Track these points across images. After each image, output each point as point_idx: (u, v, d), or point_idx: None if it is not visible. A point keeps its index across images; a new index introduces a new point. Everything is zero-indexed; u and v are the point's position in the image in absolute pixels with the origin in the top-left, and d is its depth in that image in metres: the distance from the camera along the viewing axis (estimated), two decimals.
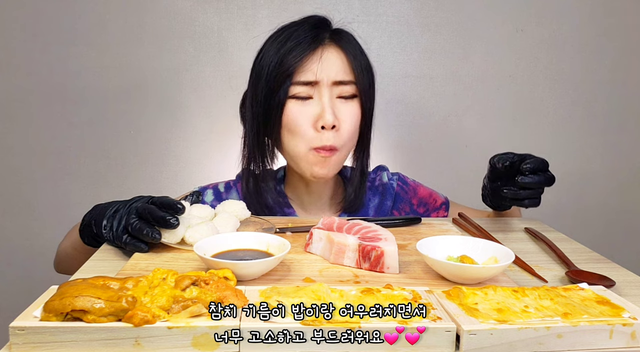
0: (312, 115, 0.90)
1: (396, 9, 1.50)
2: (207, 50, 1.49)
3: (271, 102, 0.90)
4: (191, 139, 1.54)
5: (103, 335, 0.46)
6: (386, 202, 1.05)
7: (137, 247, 0.72)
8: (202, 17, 1.47)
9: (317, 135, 0.90)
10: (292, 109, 0.90)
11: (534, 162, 0.85)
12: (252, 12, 1.48)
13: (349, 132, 0.92)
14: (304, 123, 0.90)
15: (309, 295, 0.52)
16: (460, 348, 0.48)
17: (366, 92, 0.93)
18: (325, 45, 0.91)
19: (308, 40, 0.89)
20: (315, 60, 0.89)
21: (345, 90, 0.91)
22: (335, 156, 0.92)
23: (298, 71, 0.89)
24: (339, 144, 0.91)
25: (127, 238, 0.72)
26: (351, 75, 0.91)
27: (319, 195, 1.03)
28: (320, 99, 0.89)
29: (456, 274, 0.63)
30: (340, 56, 0.91)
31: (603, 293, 0.57)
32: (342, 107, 0.91)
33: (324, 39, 0.91)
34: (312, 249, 0.75)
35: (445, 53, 1.53)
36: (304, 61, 0.89)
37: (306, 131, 0.90)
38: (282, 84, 0.89)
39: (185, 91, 1.51)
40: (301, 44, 0.89)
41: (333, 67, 0.90)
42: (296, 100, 0.90)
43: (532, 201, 0.87)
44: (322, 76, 0.89)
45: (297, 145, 0.92)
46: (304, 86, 0.89)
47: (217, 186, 1.07)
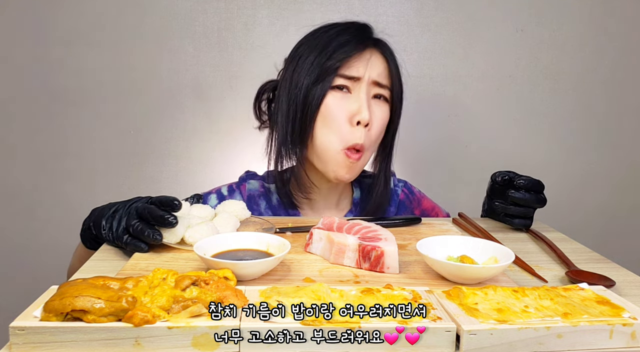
0: (349, 110, 0.92)
1: (396, 9, 1.50)
2: (207, 50, 1.49)
3: (312, 90, 0.92)
4: (191, 139, 1.54)
5: (103, 335, 0.46)
6: (390, 208, 1.06)
7: (137, 247, 0.72)
8: (202, 17, 1.47)
9: (350, 130, 0.92)
10: (332, 101, 0.93)
11: (529, 181, 0.89)
12: (252, 12, 1.48)
13: (377, 132, 0.95)
14: (340, 116, 0.92)
15: (309, 295, 0.52)
16: (460, 348, 0.48)
17: (397, 99, 0.98)
18: (373, 48, 0.96)
19: (359, 40, 0.94)
20: (363, 59, 0.93)
21: (381, 92, 0.95)
22: (361, 160, 0.95)
23: (345, 65, 0.92)
24: (368, 143, 0.94)
25: (128, 238, 0.73)
26: (388, 81, 0.96)
27: (330, 195, 1.05)
28: (359, 96, 0.92)
29: (456, 274, 0.63)
30: (383, 61, 0.96)
31: (603, 293, 0.57)
32: (375, 107, 0.95)
33: (369, 42, 0.96)
34: (312, 249, 0.75)
35: (445, 53, 1.53)
36: (353, 57, 0.92)
37: (341, 125, 0.92)
38: (328, 74, 0.92)
39: (185, 91, 1.51)
40: (352, 41, 0.93)
41: (376, 69, 0.94)
42: (336, 92, 0.93)
43: (522, 221, 0.91)
44: (365, 74, 0.93)
45: (330, 141, 0.93)
46: (347, 80, 0.93)
47: (220, 189, 1.07)
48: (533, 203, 0.89)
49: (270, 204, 1.03)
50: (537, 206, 0.90)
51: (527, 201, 0.89)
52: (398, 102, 0.99)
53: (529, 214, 0.91)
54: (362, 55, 0.93)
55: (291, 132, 0.95)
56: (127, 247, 0.73)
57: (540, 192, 0.90)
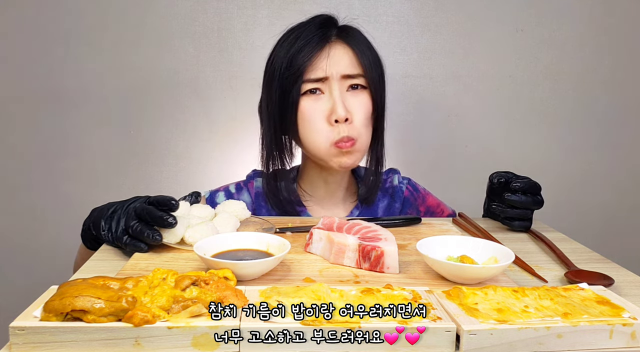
0: (325, 110, 0.93)
1: (396, 9, 1.50)
2: (207, 50, 1.49)
3: (285, 101, 0.94)
4: (191, 139, 1.54)
5: (103, 335, 0.46)
6: (395, 205, 1.07)
7: (137, 247, 0.72)
8: (202, 17, 1.47)
9: (332, 129, 0.93)
10: (306, 106, 0.93)
11: (526, 183, 0.89)
12: (252, 12, 1.48)
13: (362, 122, 0.94)
14: (318, 118, 0.93)
15: (309, 295, 0.52)
16: (460, 348, 0.48)
17: (375, 84, 0.96)
18: (332, 43, 0.94)
19: (316, 39, 0.93)
20: (323, 57, 0.92)
21: (355, 83, 0.94)
22: (357, 144, 0.94)
23: (308, 69, 0.92)
24: (355, 134, 0.93)
25: (127, 239, 0.73)
26: (359, 69, 0.94)
27: (336, 189, 1.05)
28: (331, 94, 0.92)
29: (456, 274, 0.63)
30: (348, 51, 0.94)
31: (603, 293, 0.57)
32: (352, 99, 0.94)
33: (330, 36, 0.94)
34: (312, 249, 0.75)
35: (445, 53, 1.53)
36: (313, 59, 0.92)
37: (321, 126, 0.93)
38: (294, 83, 0.92)
39: (185, 91, 1.51)
40: (309, 43, 0.92)
41: (341, 62, 0.93)
42: (309, 97, 0.93)
43: (522, 224, 0.91)
44: (331, 71, 0.92)
45: (316, 141, 0.94)
46: (315, 83, 0.93)
47: (228, 187, 1.08)
48: (530, 205, 0.89)
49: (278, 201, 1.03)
50: (534, 208, 0.90)
51: (523, 203, 0.89)
52: (378, 84, 0.97)
53: (527, 215, 0.91)
54: (322, 54, 0.92)
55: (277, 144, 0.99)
56: (127, 247, 0.73)
57: (537, 194, 0.90)
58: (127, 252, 0.74)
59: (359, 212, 1.05)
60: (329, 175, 1.03)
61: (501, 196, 0.92)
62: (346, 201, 1.07)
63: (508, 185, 0.91)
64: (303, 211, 1.04)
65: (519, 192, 0.89)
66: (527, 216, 0.91)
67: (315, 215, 1.04)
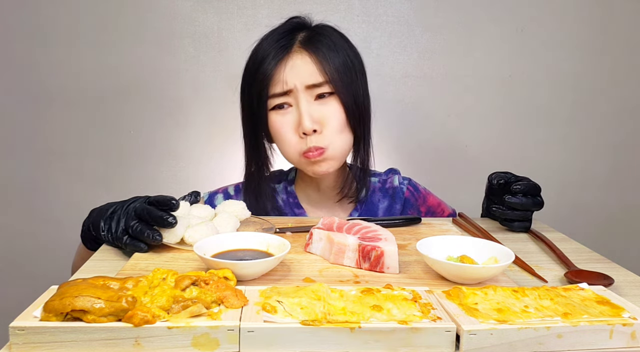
0: (293, 122, 0.92)
1: (396, 9, 1.50)
2: (207, 50, 1.49)
3: (255, 117, 0.94)
4: (191, 139, 1.54)
5: (103, 335, 0.46)
6: (395, 206, 1.06)
7: (136, 247, 0.72)
8: (202, 17, 1.47)
9: (300, 141, 0.92)
10: (275, 121, 0.93)
11: (526, 185, 0.88)
12: (252, 12, 1.48)
13: (334, 129, 0.92)
14: (287, 131, 0.92)
15: (309, 295, 0.52)
16: (460, 348, 0.48)
17: (344, 88, 0.92)
18: (293, 52, 0.91)
19: (274, 50, 0.90)
20: (285, 69, 0.90)
21: (322, 91, 0.91)
22: (328, 153, 0.92)
23: (271, 83, 0.90)
24: (324, 143, 0.91)
25: (127, 239, 0.73)
26: (323, 76, 0.90)
27: (329, 192, 1.05)
28: (298, 106, 0.91)
29: (456, 274, 0.63)
30: (309, 60, 0.90)
31: (603, 293, 0.57)
32: (321, 108, 0.91)
33: (291, 46, 0.91)
34: (312, 249, 0.75)
35: (445, 53, 1.53)
36: (274, 72, 0.90)
37: (290, 139, 0.92)
38: (259, 98, 0.91)
39: (185, 91, 1.51)
40: (268, 55, 0.90)
41: (303, 72, 0.90)
42: (277, 112, 0.92)
43: (521, 225, 0.91)
44: (293, 83, 0.90)
45: (287, 152, 0.94)
46: (281, 97, 0.91)
47: (227, 189, 1.08)
48: (530, 207, 0.89)
49: (276, 203, 1.03)
50: (535, 209, 0.90)
51: (524, 205, 0.88)
52: (348, 89, 0.92)
53: (527, 217, 0.90)
54: (284, 66, 0.90)
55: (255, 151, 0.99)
56: (127, 247, 0.73)
57: (537, 196, 0.89)
58: (127, 252, 0.74)
59: (358, 214, 1.05)
60: (320, 180, 1.03)
61: (501, 197, 0.91)
62: (343, 202, 1.07)
63: (508, 186, 0.90)
64: (301, 214, 1.04)
65: (519, 194, 0.88)
66: (527, 217, 0.91)
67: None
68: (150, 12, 1.46)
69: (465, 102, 1.56)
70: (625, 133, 1.61)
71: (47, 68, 1.48)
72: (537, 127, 1.59)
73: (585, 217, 1.63)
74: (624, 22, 1.54)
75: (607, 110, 1.59)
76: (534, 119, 1.58)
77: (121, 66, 1.48)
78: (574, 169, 1.61)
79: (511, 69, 1.55)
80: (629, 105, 1.60)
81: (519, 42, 1.53)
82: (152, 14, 1.47)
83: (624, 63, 1.57)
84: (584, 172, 1.62)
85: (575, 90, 1.57)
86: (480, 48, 1.53)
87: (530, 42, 1.53)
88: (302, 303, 0.50)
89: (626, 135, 1.62)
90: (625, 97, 1.59)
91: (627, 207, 1.66)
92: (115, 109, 1.51)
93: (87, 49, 1.47)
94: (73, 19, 1.46)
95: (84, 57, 1.47)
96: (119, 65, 1.48)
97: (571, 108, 1.58)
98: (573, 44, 1.54)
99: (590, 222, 1.63)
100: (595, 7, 1.53)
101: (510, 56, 1.54)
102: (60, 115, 1.50)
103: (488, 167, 1.07)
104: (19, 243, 1.56)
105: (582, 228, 1.59)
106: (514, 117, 1.58)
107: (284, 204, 1.03)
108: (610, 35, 1.55)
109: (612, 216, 1.65)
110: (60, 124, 1.51)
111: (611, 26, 1.54)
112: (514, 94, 1.56)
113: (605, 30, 1.54)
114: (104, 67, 1.48)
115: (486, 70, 1.54)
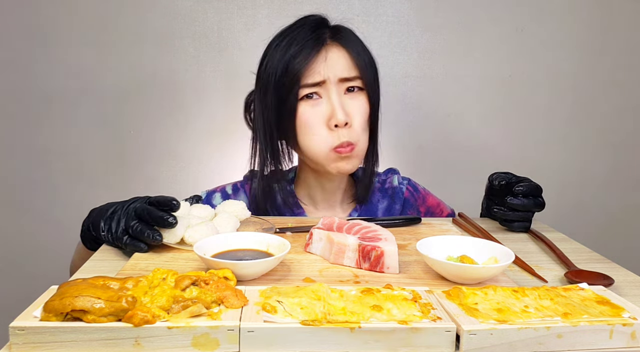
0: (324, 114, 0.92)
1: (396, 9, 1.50)
2: (207, 50, 1.49)
3: (283, 108, 0.92)
4: (191, 139, 1.54)
5: (103, 335, 0.46)
6: (395, 206, 1.06)
7: (137, 247, 0.72)
8: (202, 17, 1.47)
9: (331, 133, 0.91)
10: (304, 111, 0.92)
11: (527, 186, 0.88)
12: (252, 12, 1.48)
13: (361, 125, 0.93)
14: (317, 123, 0.92)
15: (309, 295, 0.52)
16: (460, 348, 0.48)
17: (372, 85, 0.95)
18: (328, 45, 0.92)
19: (311, 43, 0.91)
20: (320, 61, 0.90)
21: (352, 85, 0.93)
22: (356, 150, 0.93)
23: (305, 74, 0.90)
24: (354, 139, 0.92)
25: (127, 239, 0.72)
26: (356, 71, 0.93)
27: (333, 193, 1.05)
28: (330, 98, 0.91)
29: (456, 274, 0.63)
30: (344, 54, 0.92)
31: (603, 293, 0.57)
32: (350, 102, 0.93)
33: (325, 39, 0.92)
34: (312, 249, 0.75)
35: (445, 53, 1.53)
36: (310, 64, 0.90)
37: (320, 131, 0.92)
38: (291, 89, 0.90)
39: (185, 91, 1.51)
40: (305, 47, 0.90)
41: (338, 65, 0.91)
42: (307, 102, 0.92)
43: (521, 225, 0.91)
44: (328, 75, 0.91)
45: (316, 146, 0.93)
46: (313, 87, 0.91)
47: (224, 188, 1.08)
48: (531, 208, 0.89)
49: (275, 203, 1.03)
50: (536, 210, 0.90)
51: (525, 206, 0.88)
52: (374, 87, 0.96)
53: (528, 217, 0.90)
54: (318, 58, 0.90)
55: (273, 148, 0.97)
56: (127, 247, 0.73)
57: (538, 197, 0.89)
58: (127, 252, 0.74)
59: (357, 214, 1.05)
60: (326, 181, 1.02)
61: (502, 198, 0.91)
62: (343, 203, 1.07)
63: (509, 187, 0.90)
64: (300, 214, 1.03)
65: (520, 195, 0.88)
66: (528, 218, 0.91)
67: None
68: (150, 12, 1.46)
69: (465, 102, 1.56)
70: (625, 133, 1.61)
71: (47, 68, 1.48)
72: (537, 127, 1.59)
73: (585, 217, 1.63)
74: (623, 22, 1.54)
75: (607, 110, 1.59)
76: (534, 119, 1.58)
77: (121, 66, 1.48)
78: (574, 169, 1.61)
79: (511, 69, 1.55)
80: (629, 105, 1.60)
81: (518, 42, 1.53)
82: (152, 14, 1.47)
83: (624, 63, 1.57)
84: (584, 172, 1.62)
85: (575, 90, 1.57)
86: (480, 48, 1.53)
87: (530, 42, 1.53)
88: (302, 303, 0.50)
89: (626, 136, 1.62)
90: (625, 97, 1.59)
91: (627, 207, 1.66)
92: (115, 109, 1.51)
93: (87, 49, 1.47)
94: (73, 19, 1.46)
95: (84, 57, 1.47)
96: (119, 65, 1.48)
97: (571, 108, 1.58)
98: (573, 44, 1.54)
99: (590, 222, 1.63)
100: (594, 7, 1.53)
101: (510, 56, 1.54)
102: (60, 115, 1.50)
103: (488, 167, 1.07)
104: (19, 243, 1.56)
105: (582, 228, 1.59)
106: (514, 117, 1.58)
107: (283, 204, 1.03)
108: (610, 35, 1.55)
109: (612, 216, 1.65)
110: (60, 124, 1.51)
111: (611, 26, 1.54)
112: (514, 94, 1.56)
113: (605, 30, 1.54)
114: (104, 67, 1.48)
115: (486, 70, 1.54)
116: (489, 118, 1.58)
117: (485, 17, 1.51)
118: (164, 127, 1.53)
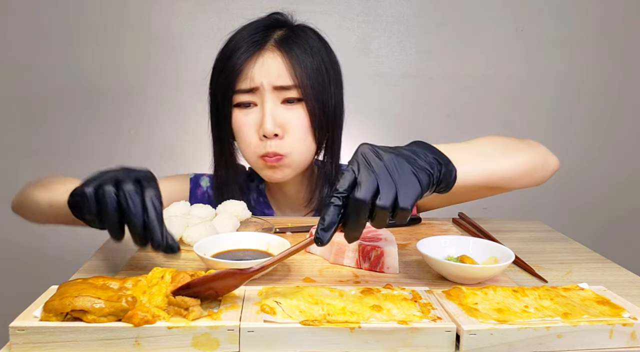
0: (255, 122, 0.87)
1: (396, 9, 1.50)
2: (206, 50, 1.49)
3: (219, 112, 0.90)
4: (191, 138, 1.54)
5: (103, 335, 0.46)
6: None
7: None
8: (202, 17, 1.47)
9: (260, 143, 0.88)
10: (237, 118, 0.89)
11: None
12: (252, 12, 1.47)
13: (297, 137, 0.88)
14: (248, 131, 0.88)
15: (306, 299, 0.52)
16: (460, 348, 0.48)
17: (314, 95, 0.87)
18: (266, 49, 0.86)
19: (246, 44, 0.86)
20: (256, 66, 0.85)
21: (289, 95, 0.87)
22: (286, 160, 0.88)
23: (239, 79, 0.86)
24: (285, 150, 0.87)
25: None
26: (293, 80, 0.86)
27: (294, 196, 1.01)
28: (262, 106, 0.87)
29: (456, 274, 0.63)
30: (282, 60, 0.86)
31: (603, 293, 0.57)
32: (286, 113, 0.87)
33: (265, 43, 0.87)
34: (312, 249, 0.75)
35: (445, 53, 1.53)
36: (243, 68, 0.85)
37: (250, 139, 0.88)
38: (225, 93, 0.88)
39: (185, 91, 1.51)
40: (239, 49, 0.86)
41: (273, 71, 0.85)
42: (240, 109, 0.88)
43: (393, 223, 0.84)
44: (260, 81, 0.85)
45: (246, 153, 0.91)
46: (246, 94, 0.87)
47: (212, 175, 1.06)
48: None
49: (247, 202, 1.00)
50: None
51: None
52: (318, 96, 0.87)
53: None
54: (253, 62, 0.85)
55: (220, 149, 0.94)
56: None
57: None
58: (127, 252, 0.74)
59: None
60: (283, 185, 0.98)
61: None
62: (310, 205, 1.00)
63: None
64: (270, 214, 1.01)
65: None
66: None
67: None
68: (150, 12, 1.46)
69: (465, 102, 1.56)
70: (625, 133, 1.61)
71: (48, 68, 1.48)
72: (537, 127, 1.59)
73: (585, 217, 1.63)
74: (624, 22, 1.54)
75: (607, 111, 1.59)
76: (533, 119, 1.58)
77: (121, 66, 1.48)
78: (574, 169, 1.61)
79: (511, 69, 1.55)
80: (629, 105, 1.60)
81: (519, 42, 1.53)
82: (152, 14, 1.47)
83: (624, 63, 1.57)
84: (584, 172, 1.62)
85: (575, 90, 1.57)
86: (480, 48, 1.53)
87: (530, 42, 1.53)
88: (300, 307, 0.50)
89: (626, 135, 1.62)
90: (625, 97, 1.59)
91: (627, 207, 1.66)
92: (115, 109, 1.51)
93: (87, 49, 1.47)
94: (73, 19, 1.46)
95: (84, 57, 1.47)
96: (119, 65, 1.48)
97: (571, 108, 1.58)
98: (573, 44, 1.54)
99: (590, 222, 1.63)
100: (595, 7, 1.53)
101: (510, 56, 1.54)
102: (61, 116, 1.50)
103: None
104: (19, 243, 1.56)
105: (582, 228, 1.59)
106: (514, 117, 1.58)
107: (254, 203, 1.01)
108: (610, 35, 1.55)
109: (612, 216, 1.65)
110: (60, 124, 1.51)
111: (611, 26, 1.54)
112: (513, 94, 1.56)
113: (605, 30, 1.54)
114: (104, 67, 1.48)
115: (486, 70, 1.54)
116: (489, 118, 1.58)
117: (485, 17, 1.51)
118: (164, 127, 1.53)
